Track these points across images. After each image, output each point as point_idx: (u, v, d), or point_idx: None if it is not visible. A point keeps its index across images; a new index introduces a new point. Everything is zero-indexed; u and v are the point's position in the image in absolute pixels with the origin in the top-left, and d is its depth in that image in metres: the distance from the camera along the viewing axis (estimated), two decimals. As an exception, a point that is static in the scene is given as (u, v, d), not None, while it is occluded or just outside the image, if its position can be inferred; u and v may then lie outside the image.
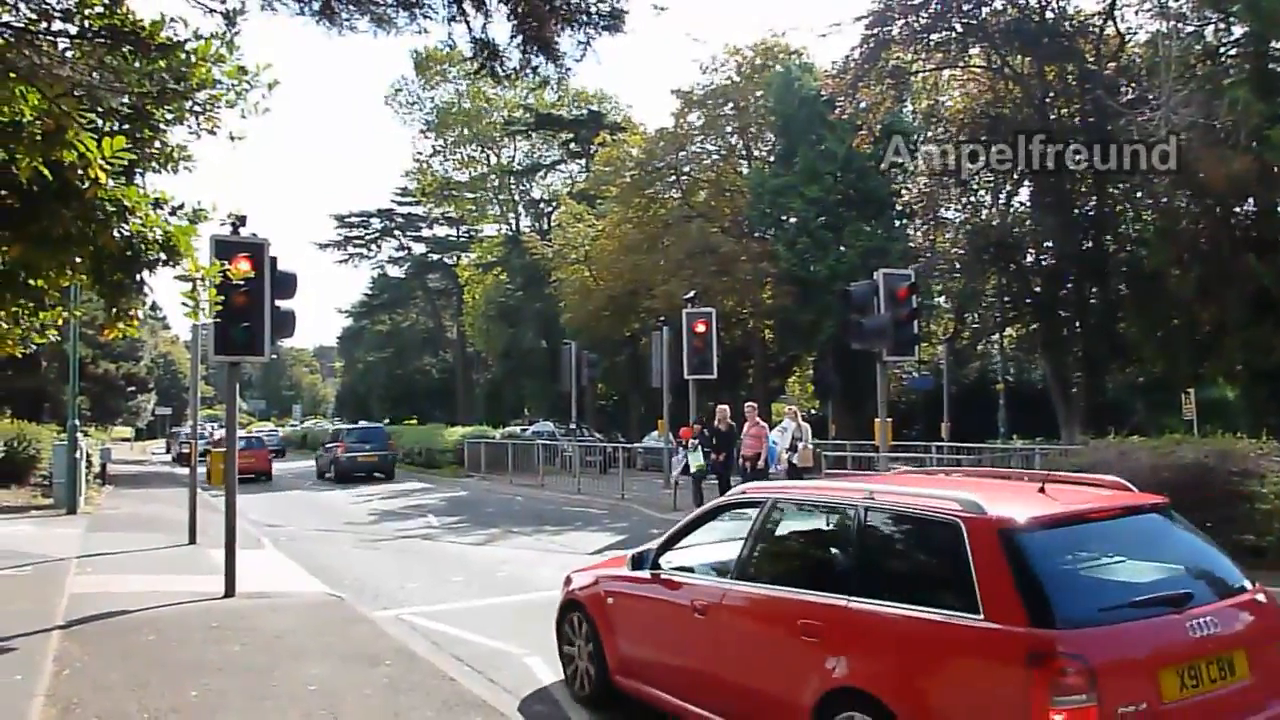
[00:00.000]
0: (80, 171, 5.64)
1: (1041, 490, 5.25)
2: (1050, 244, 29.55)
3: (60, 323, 9.53)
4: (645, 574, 6.66)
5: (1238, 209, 23.97)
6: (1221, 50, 23.43)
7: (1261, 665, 4.72)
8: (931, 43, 28.11)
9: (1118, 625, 4.47)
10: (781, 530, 6.06)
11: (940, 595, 4.74)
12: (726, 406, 20.10)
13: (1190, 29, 23.25)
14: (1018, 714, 4.26)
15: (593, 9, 8.41)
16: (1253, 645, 4.74)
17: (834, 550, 5.65)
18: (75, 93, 5.34)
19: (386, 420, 55.96)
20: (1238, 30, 22.66)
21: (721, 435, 19.06)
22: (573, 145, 55.25)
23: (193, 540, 15.15)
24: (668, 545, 6.73)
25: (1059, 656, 4.21)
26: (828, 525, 5.76)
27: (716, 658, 5.92)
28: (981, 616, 4.48)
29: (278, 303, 10.81)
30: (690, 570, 6.44)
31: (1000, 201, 32.22)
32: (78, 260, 7.27)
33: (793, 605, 5.39)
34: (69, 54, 5.74)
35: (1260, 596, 5.01)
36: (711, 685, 5.93)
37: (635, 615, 6.80)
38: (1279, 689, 4.75)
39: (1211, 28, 23.48)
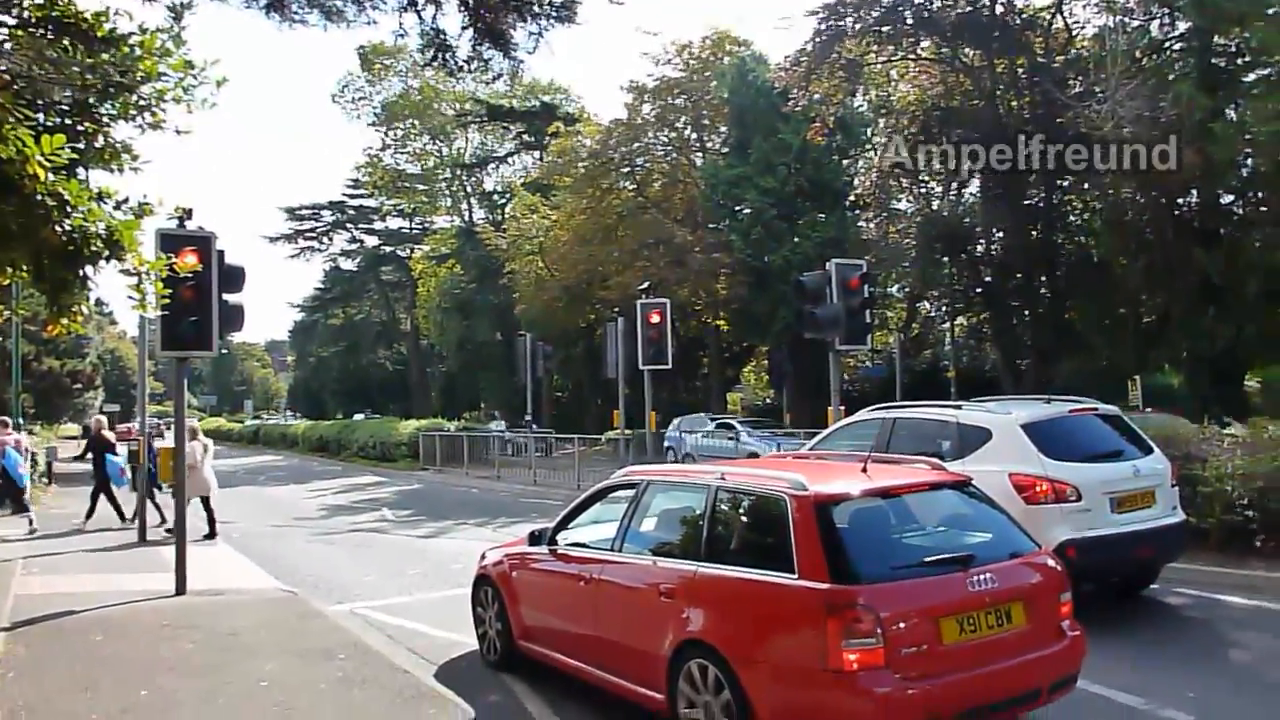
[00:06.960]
0: (19, 167, 5.51)
1: (864, 470, 5.98)
2: (1000, 235, 29.91)
3: (0, 321, 9.33)
4: (543, 549, 7.35)
5: (1182, 201, 24.42)
6: (1167, 45, 23.86)
7: (1038, 614, 5.51)
8: (884, 35, 28.30)
9: (905, 581, 5.26)
10: (652, 508, 6.78)
11: (768, 559, 5.47)
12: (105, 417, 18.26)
13: (1136, 24, 23.68)
14: (818, 655, 4.97)
15: (545, 0, 8.37)
16: (1031, 598, 5.52)
17: (690, 524, 6.31)
18: (15, 85, 5.23)
19: (339, 414, 55.73)
20: (1182, 25, 23.10)
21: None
22: (526, 137, 54.99)
23: (142, 538, 14.95)
24: (564, 523, 7.40)
25: (852, 607, 4.94)
26: (687, 503, 6.48)
27: (598, 621, 6.60)
28: (796, 576, 5.22)
29: (226, 297, 10.65)
30: (583, 545, 7.06)
31: (951, 193, 32.57)
32: (17, 257, 7.10)
33: (656, 572, 6.14)
34: (7, 45, 5.62)
35: (1046, 559, 5.87)
36: (595, 645, 6.61)
37: (534, 587, 7.47)
38: (1052, 634, 5.55)
39: (1157, 23, 23.94)
